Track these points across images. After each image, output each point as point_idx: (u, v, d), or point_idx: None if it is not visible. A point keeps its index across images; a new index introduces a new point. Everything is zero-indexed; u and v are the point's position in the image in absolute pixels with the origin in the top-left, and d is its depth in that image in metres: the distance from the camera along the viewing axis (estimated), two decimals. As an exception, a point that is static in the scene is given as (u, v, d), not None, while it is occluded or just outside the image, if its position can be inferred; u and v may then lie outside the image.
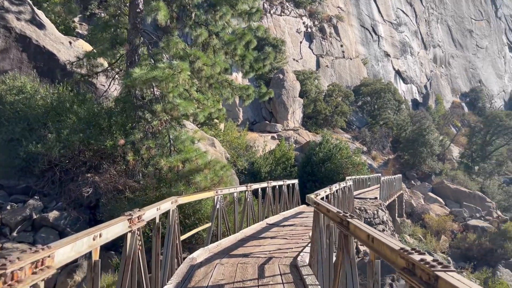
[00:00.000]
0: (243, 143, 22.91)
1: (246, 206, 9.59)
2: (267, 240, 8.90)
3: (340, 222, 4.15)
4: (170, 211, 5.91)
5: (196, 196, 7.41)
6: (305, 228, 10.38)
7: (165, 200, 5.85)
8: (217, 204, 7.85)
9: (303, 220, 11.95)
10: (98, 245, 3.27)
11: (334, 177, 22.56)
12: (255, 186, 10.38)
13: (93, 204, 10.40)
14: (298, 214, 13.51)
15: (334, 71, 50.86)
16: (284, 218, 12.23)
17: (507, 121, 48.24)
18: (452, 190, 37.94)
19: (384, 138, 47.35)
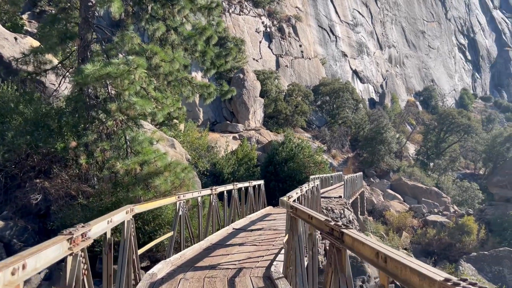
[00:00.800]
0: (204, 143, 22.33)
1: (211, 210, 8.92)
2: (235, 247, 8.23)
3: (329, 233, 3.49)
4: (124, 222, 5.11)
5: (156, 203, 6.51)
6: (274, 232, 9.90)
7: (119, 210, 5.04)
8: (179, 211, 7.14)
9: (272, 223, 11.49)
10: (20, 280, 2.31)
11: (297, 177, 22.44)
12: (221, 188, 9.71)
13: (43, 212, 9.54)
14: (265, 216, 12.96)
15: (294, 71, 51.08)
16: (251, 221, 11.66)
17: (459, 119, 50.20)
18: (409, 186, 38.95)
19: (343, 137, 48.05)
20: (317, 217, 4.02)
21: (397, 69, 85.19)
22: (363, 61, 71.66)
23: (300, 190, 8.47)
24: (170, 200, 6.85)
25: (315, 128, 46.93)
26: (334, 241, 3.36)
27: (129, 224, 5.24)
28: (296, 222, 4.94)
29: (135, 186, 8.69)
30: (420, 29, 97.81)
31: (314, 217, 4.10)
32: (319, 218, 3.92)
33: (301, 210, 4.75)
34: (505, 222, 23.35)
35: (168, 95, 12.30)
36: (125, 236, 5.23)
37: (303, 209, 4.71)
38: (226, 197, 10.02)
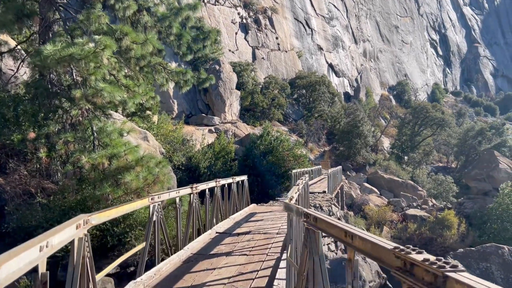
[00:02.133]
0: (179, 136, 21.30)
1: (191, 212, 7.64)
2: (221, 259, 6.80)
3: (406, 271, 2.00)
4: (74, 241, 3.63)
5: (123, 208, 5.00)
6: (264, 236, 8.74)
7: (66, 224, 3.57)
8: (153, 216, 5.87)
9: (259, 224, 10.28)
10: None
11: (276, 171, 21.76)
12: (202, 186, 8.46)
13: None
14: (250, 216, 11.79)
15: (270, 64, 50.32)
16: (236, 223, 10.47)
17: (433, 112, 50.65)
18: (386, 180, 38.93)
19: (320, 130, 47.74)
20: (370, 239, 2.45)
21: (371, 63, 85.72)
22: (338, 55, 71.63)
23: (298, 188, 7.48)
24: (141, 203, 5.57)
25: (291, 121, 46.39)
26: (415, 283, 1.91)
27: (81, 243, 3.71)
28: (316, 236, 3.54)
29: (102, 183, 7.71)
30: (394, 24, 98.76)
31: (362, 237, 2.53)
32: (377, 242, 2.35)
33: (326, 223, 3.28)
34: (484, 216, 23.34)
35: (141, 83, 11.29)
36: (75, 260, 3.70)
37: (330, 221, 3.25)
38: (208, 195, 8.86)
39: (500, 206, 22.94)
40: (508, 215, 22.17)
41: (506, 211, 22.39)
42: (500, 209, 22.76)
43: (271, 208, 13.57)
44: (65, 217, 7.79)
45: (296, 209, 4.76)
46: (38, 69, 8.29)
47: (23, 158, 9.45)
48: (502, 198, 23.35)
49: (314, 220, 3.55)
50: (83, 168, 8.04)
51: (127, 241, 7.88)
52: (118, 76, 10.32)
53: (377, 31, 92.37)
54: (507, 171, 28.99)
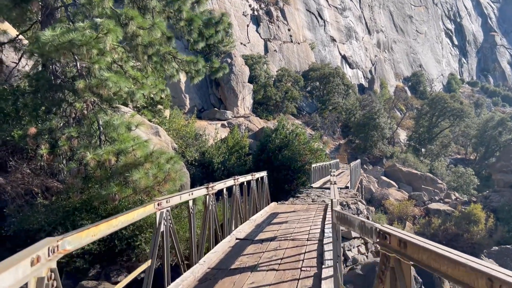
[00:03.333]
0: (192, 131, 20.64)
1: (207, 217, 6.51)
2: (245, 275, 5.53)
3: None
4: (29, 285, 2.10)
5: (113, 222, 3.57)
6: (293, 244, 7.40)
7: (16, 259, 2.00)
8: (160, 225, 4.78)
9: (285, 228, 8.95)
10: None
11: (292, 165, 20.96)
12: (219, 185, 7.37)
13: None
14: (272, 217, 10.44)
15: (283, 56, 49.36)
16: (257, 226, 9.20)
17: (451, 103, 49.20)
18: (404, 173, 37.86)
19: (334, 123, 46.74)
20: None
21: (385, 54, 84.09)
22: (351, 46, 70.29)
23: (335, 187, 6.66)
24: (144, 211, 4.35)
25: (305, 114, 45.46)
26: None
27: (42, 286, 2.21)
28: (405, 272, 2.27)
29: (109, 181, 7.04)
30: (407, 14, 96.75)
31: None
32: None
33: (432, 253, 2.00)
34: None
35: (149, 74, 10.59)
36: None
37: (440, 252, 1.95)
38: (225, 195, 7.81)
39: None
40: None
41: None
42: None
43: (293, 207, 12.34)
44: (68, 219, 7.14)
45: (360, 223, 3.24)
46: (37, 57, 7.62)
47: (26, 155, 8.83)
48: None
49: (401, 245, 2.21)
50: (88, 165, 7.36)
51: (136, 245, 7.19)
52: (125, 67, 9.63)
53: (391, 21, 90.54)
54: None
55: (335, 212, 4.84)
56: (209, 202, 6.67)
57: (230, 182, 8.38)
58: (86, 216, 7.25)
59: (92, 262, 6.87)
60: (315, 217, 10.11)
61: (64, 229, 6.94)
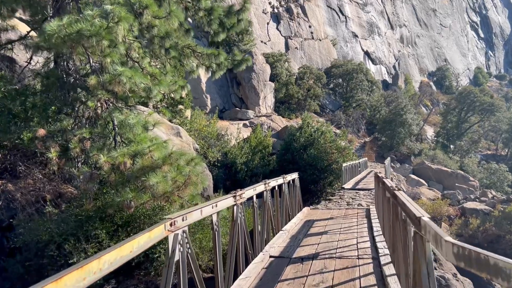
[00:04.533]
0: (214, 131, 19.95)
1: (235, 233, 5.47)
2: None
3: None
4: None
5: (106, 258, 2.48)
6: (341, 264, 6.05)
7: None
8: (175, 252, 3.71)
9: (325, 241, 7.57)
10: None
11: (318, 164, 20.01)
12: (249, 192, 6.38)
13: (5, 225, 7.22)
14: (307, 226, 9.15)
15: (304, 53, 48.36)
16: (293, 237, 7.93)
17: (481, 97, 47.24)
18: (434, 170, 36.35)
19: (359, 121, 45.50)
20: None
21: (409, 49, 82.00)
22: (374, 41, 68.72)
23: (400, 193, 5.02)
24: (150, 237, 3.24)
25: (329, 112, 44.36)
26: None
27: None
28: None
29: (124, 187, 6.34)
30: (431, 7, 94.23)
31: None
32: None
33: None
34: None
35: (168, 70, 9.90)
36: None
37: None
38: (255, 203, 6.64)
39: None
40: None
41: None
42: None
43: (329, 212, 10.99)
44: (81, 229, 6.47)
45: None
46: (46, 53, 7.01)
47: (38, 159, 8.25)
48: None
49: None
50: (101, 168, 6.68)
51: (155, 258, 6.47)
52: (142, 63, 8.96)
53: (414, 15, 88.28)
54: None
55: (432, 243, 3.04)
56: (237, 214, 5.54)
57: (261, 187, 7.28)
58: (100, 226, 6.57)
59: (106, 277, 6.19)
60: (358, 226, 8.87)
61: (76, 240, 6.28)
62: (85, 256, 6.21)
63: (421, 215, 3.54)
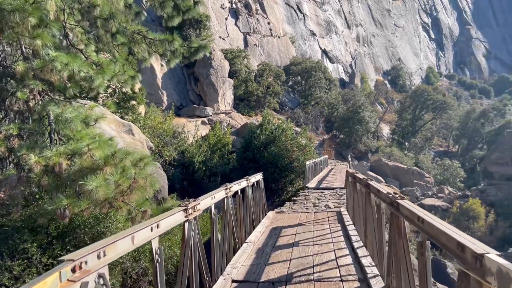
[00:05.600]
0: (170, 129, 18.90)
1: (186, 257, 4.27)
2: None
3: None
4: None
5: None
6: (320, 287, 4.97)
7: None
8: None
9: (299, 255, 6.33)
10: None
11: (279, 162, 19.46)
12: (206, 202, 5.13)
13: None
14: (274, 235, 7.90)
15: (263, 50, 47.84)
16: (259, 252, 6.60)
17: (434, 95, 48.59)
18: (390, 167, 36.87)
19: (318, 118, 45.55)
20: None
21: (365, 48, 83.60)
22: (331, 40, 69.38)
23: None
24: None
25: (288, 110, 44.09)
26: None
27: None
28: None
29: (58, 192, 5.36)
30: (386, 8, 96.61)
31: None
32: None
33: None
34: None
35: (117, 58, 8.88)
36: None
37: None
38: (214, 215, 5.38)
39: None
40: (540, 201, 20.17)
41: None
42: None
43: (297, 217, 9.77)
44: (5, 243, 5.42)
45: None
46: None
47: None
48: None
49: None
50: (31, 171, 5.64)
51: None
52: (87, 51, 7.91)
53: (370, 15, 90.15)
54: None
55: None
56: (189, 233, 4.46)
57: (221, 193, 6.08)
58: (30, 238, 5.54)
59: None
60: (333, 234, 7.77)
61: None
62: (9, 275, 5.18)
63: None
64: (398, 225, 4.23)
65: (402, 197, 4.34)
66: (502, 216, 20.97)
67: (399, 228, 4.23)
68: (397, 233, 4.28)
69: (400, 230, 4.19)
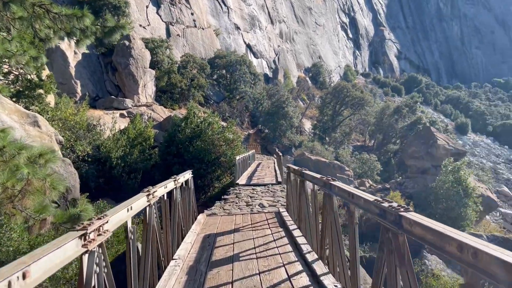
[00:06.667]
0: (83, 121, 17.13)
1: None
2: None
3: None
4: None
5: None
6: None
7: None
8: None
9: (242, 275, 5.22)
10: None
11: (206, 157, 18.61)
12: (118, 216, 3.67)
13: None
14: (208, 247, 6.67)
15: (187, 41, 46.31)
16: (191, 273, 5.35)
17: (353, 92, 50.51)
18: (313, 161, 37.57)
19: (243, 113, 45.19)
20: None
21: (287, 44, 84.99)
22: (256, 35, 69.48)
23: None
24: None
25: (213, 103, 43.14)
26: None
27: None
28: None
29: None
30: (307, 5, 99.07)
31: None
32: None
33: None
34: (429, 196, 22.37)
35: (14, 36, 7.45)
36: None
37: None
38: (131, 232, 3.93)
39: (445, 184, 22.15)
40: (453, 193, 21.42)
41: (451, 189, 21.63)
42: (445, 187, 21.94)
43: (232, 220, 8.60)
44: None
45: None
46: None
47: None
48: (446, 175, 22.57)
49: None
50: None
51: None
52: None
53: (292, 12, 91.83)
54: (445, 147, 28.72)
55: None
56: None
57: (141, 201, 4.45)
58: None
59: None
60: (277, 242, 6.76)
61: None
62: None
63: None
64: (331, 203, 5.16)
65: (333, 179, 5.32)
66: (419, 207, 22.12)
67: (331, 205, 5.15)
68: (329, 209, 5.21)
69: (332, 206, 5.12)
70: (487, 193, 25.09)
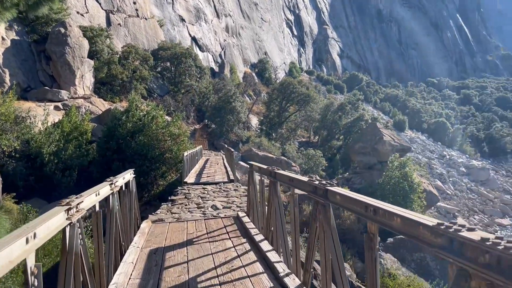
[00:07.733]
0: (10, 113, 15.30)
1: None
2: None
3: None
4: None
5: None
6: None
7: None
8: None
9: None
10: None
11: (149, 153, 17.39)
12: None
13: None
14: (156, 270, 5.30)
15: (128, 31, 44.07)
16: None
17: (299, 88, 50.71)
18: (261, 157, 37.08)
19: (189, 107, 43.82)
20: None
21: (234, 39, 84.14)
22: (201, 28, 67.98)
23: None
24: None
25: (157, 97, 41.39)
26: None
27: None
28: None
29: None
30: (253, 1, 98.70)
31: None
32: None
33: None
34: (376, 191, 22.59)
35: None
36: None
37: None
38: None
39: (391, 180, 22.46)
40: (399, 189, 21.76)
41: (397, 184, 21.96)
42: (392, 183, 22.25)
43: (183, 227, 7.45)
44: None
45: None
46: None
47: None
48: (392, 171, 22.90)
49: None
50: None
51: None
52: None
53: (238, 6, 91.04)
54: (391, 143, 29.26)
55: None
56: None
57: (57, 219, 3.19)
58: None
59: None
60: (242, 258, 5.70)
61: None
62: None
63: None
64: (275, 188, 6.13)
65: (278, 168, 6.30)
66: (368, 203, 22.05)
67: (276, 191, 6.12)
68: (274, 193, 6.13)
69: (276, 191, 6.11)
70: (429, 188, 25.91)
